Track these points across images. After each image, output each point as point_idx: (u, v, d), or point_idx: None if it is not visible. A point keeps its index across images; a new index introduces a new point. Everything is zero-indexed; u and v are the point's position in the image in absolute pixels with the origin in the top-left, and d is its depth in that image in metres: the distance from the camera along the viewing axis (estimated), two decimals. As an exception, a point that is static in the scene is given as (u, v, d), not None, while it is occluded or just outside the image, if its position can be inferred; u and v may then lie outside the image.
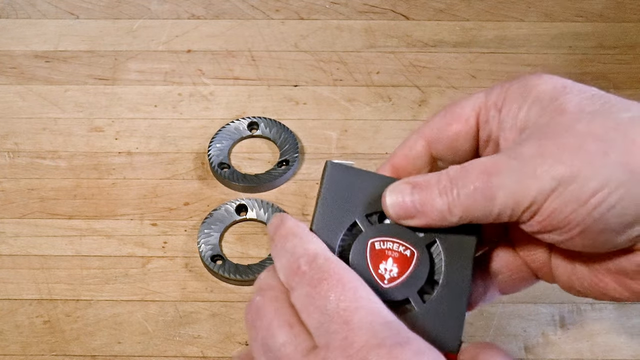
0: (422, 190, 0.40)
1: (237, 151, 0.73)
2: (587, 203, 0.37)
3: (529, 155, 0.38)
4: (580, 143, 0.37)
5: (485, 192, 0.38)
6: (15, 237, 0.67)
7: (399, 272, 0.42)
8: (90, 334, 0.63)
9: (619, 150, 0.37)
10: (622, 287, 0.41)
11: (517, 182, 0.38)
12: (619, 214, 0.37)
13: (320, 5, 0.83)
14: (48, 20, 0.82)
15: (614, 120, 0.38)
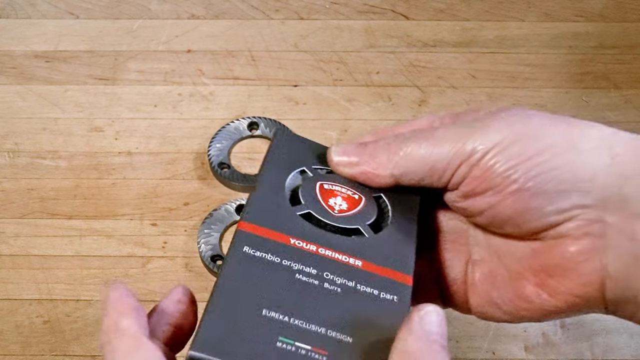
0: (366, 145, 0.43)
1: (237, 151, 0.73)
2: (530, 159, 0.39)
3: (475, 121, 0.41)
4: (529, 118, 0.40)
5: (429, 141, 0.41)
6: (15, 237, 0.67)
7: (348, 207, 0.42)
8: (90, 334, 0.62)
9: (564, 126, 0.40)
10: (543, 289, 0.41)
11: (461, 132, 0.40)
12: (556, 177, 0.39)
13: (320, 5, 0.83)
14: (48, 20, 0.82)
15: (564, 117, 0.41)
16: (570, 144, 0.39)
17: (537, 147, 0.39)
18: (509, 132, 0.40)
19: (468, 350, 0.62)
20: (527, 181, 0.39)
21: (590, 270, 0.39)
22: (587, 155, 0.39)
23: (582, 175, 0.39)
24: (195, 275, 0.65)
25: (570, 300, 0.40)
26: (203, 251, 0.66)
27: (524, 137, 0.40)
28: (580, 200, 0.39)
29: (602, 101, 0.76)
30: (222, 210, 0.68)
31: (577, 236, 0.39)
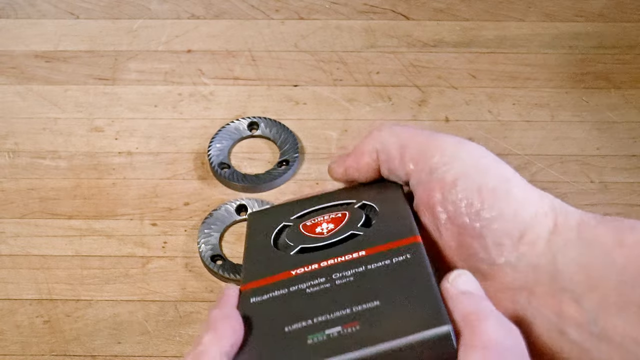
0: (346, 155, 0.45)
1: (237, 151, 0.73)
2: (484, 200, 0.39)
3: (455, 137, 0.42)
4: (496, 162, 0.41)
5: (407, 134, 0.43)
6: (15, 237, 0.67)
7: (335, 225, 0.43)
8: (90, 334, 0.62)
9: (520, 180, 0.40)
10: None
11: (436, 137, 0.42)
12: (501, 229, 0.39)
13: (320, 5, 0.83)
14: (48, 20, 0.82)
15: None
16: (527, 198, 0.39)
17: (496, 188, 0.39)
18: (477, 163, 0.40)
19: (468, 350, 0.62)
20: (475, 220, 0.39)
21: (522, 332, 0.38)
22: (535, 218, 0.39)
23: (525, 237, 0.39)
24: (195, 275, 0.65)
25: None
26: (203, 251, 0.66)
27: (489, 173, 0.40)
28: (515, 261, 0.39)
29: (602, 101, 0.76)
30: (222, 210, 0.68)
31: (508, 295, 0.39)
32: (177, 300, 0.64)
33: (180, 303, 0.64)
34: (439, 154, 0.40)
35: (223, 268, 0.65)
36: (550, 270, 0.38)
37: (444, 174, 0.40)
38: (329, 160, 0.47)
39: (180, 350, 0.62)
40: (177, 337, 0.62)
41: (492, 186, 0.39)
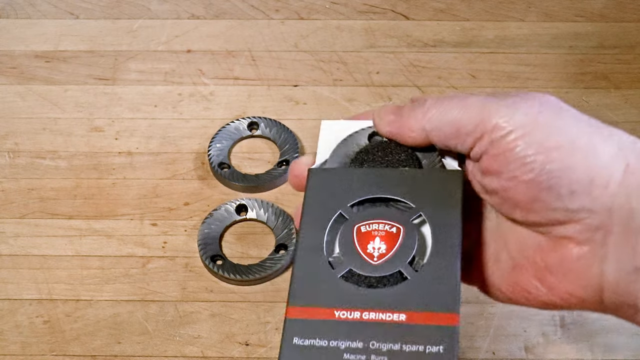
0: (405, 106, 0.45)
1: (237, 151, 0.73)
2: (549, 151, 0.40)
3: (508, 97, 0.42)
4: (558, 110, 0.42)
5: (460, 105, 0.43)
6: (15, 237, 0.67)
7: (387, 248, 0.42)
8: (90, 334, 0.63)
9: (587, 127, 0.41)
10: (542, 284, 0.42)
11: (488, 103, 0.42)
12: (570, 176, 0.40)
13: (320, 5, 0.83)
14: (48, 20, 0.82)
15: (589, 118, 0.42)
16: (591, 146, 0.40)
17: (559, 140, 0.40)
18: (535, 118, 0.41)
19: (468, 350, 0.62)
20: (542, 173, 0.40)
21: (589, 275, 0.40)
22: (604, 161, 0.40)
23: (596, 181, 0.39)
24: (195, 275, 0.65)
25: (567, 299, 0.41)
26: (203, 251, 0.66)
27: (549, 126, 0.40)
28: (589, 204, 0.40)
29: (602, 101, 0.76)
30: (222, 210, 0.68)
31: (580, 240, 0.40)
32: (177, 300, 0.64)
33: (180, 303, 0.64)
34: (494, 120, 0.41)
35: (223, 268, 0.65)
36: (626, 210, 0.39)
37: (503, 138, 0.41)
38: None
39: (181, 350, 0.62)
40: (177, 337, 0.62)
41: (554, 140, 0.40)
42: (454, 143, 0.43)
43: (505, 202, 0.42)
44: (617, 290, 0.40)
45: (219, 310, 0.64)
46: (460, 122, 0.42)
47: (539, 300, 0.42)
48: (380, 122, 0.46)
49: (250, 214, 0.68)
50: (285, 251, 0.66)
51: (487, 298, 0.64)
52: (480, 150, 0.42)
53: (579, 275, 0.40)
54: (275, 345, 0.62)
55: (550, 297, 0.42)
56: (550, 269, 0.41)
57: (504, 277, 0.44)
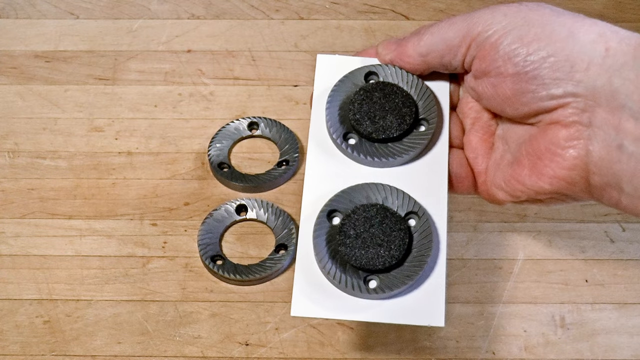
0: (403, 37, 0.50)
1: (237, 151, 0.73)
2: (530, 44, 0.43)
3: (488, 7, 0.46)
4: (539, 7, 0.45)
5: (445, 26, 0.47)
6: (15, 237, 0.67)
7: None
8: (90, 334, 0.63)
9: (568, 19, 0.44)
10: (533, 172, 0.45)
11: (471, 18, 0.46)
12: (552, 64, 0.43)
13: (320, 5, 0.83)
14: (48, 20, 0.82)
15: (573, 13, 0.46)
16: (570, 34, 0.43)
17: (538, 33, 0.43)
18: (514, 18, 0.44)
19: (468, 350, 0.62)
20: (526, 65, 0.43)
21: (575, 155, 0.43)
22: (584, 47, 0.42)
23: (577, 65, 0.42)
24: (195, 275, 0.65)
25: (556, 183, 0.44)
26: (203, 251, 0.66)
27: (528, 23, 0.44)
28: (573, 88, 0.42)
29: (602, 101, 0.76)
30: (222, 210, 0.68)
31: (566, 123, 0.43)
32: (177, 300, 0.64)
33: (180, 303, 0.64)
34: (479, 27, 0.45)
35: (223, 268, 0.65)
36: (608, 90, 0.41)
37: (487, 40, 0.44)
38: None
39: (181, 350, 0.62)
40: (177, 337, 0.62)
41: (533, 32, 0.43)
42: (448, 59, 0.47)
43: (496, 101, 0.46)
44: (601, 171, 0.42)
45: (219, 310, 0.64)
46: (449, 37, 0.46)
47: (531, 190, 0.45)
48: (382, 52, 0.50)
49: (250, 214, 0.68)
50: (285, 251, 0.66)
51: (487, 298, 0.65)
52: (471, 57, 0.46)
53: (565, 156, 0.43)
54: (275, 345, 0.62)
55: (540, 184, 0.44)
56: (539, 154, 0.44)
57: (503, 176, 0.47)
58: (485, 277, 0.65)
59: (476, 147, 0.50)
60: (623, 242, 0.67)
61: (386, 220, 0.45)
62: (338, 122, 0.49)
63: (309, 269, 0.46)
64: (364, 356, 0.62)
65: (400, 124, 0.48)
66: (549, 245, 0.66)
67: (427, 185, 0.48)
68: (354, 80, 0.50)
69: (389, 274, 0.45)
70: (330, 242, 0.46)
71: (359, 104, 0.49)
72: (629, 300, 0.64)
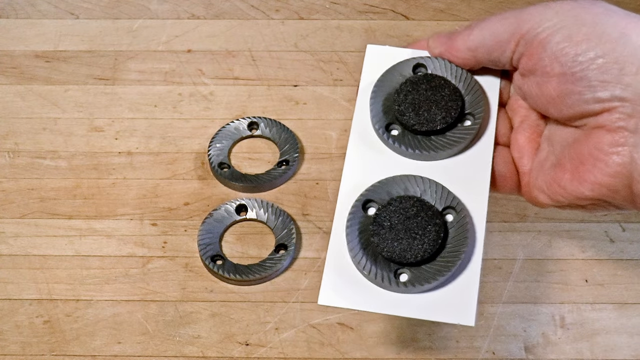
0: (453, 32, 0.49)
1: (237, 151, 0.73)
2: (578, 44, 0.41)
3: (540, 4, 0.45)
4: (591, 5, 0.43)
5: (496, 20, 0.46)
6: (15, 237, 0.67)
7: None
8: (90, 334, 0.63)
9: (619, 18, 0.42)
10: (575, 177, 0.43)
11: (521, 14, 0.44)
12: (601, 66, 0.41)
13: (320, 5, 0.83)
14: (48, 20, 0.82)
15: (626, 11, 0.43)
16: (622, 35, 0.41)
17: (589, 33, 0.41)
18: (565, 16, 0.42)
19: (468, 350, 0.62)
20: (573, 65, 0.42)
21: (619, 162, 0.41)
22: (635, 49, 0.40)
23: (626, 68, 0.40)
24: (195, 275, 0.65)
25: (597, 190, 0.42)
26: (203, 251, 0.66)
27: (578, 22, 0.42)
28: (621, 92, 0.40)
29: (602, 101, 0.76)
30: (222, 210, 0.68)
31: (612, 128, 0.41)
32: (177, 300, 0.64)
33: (180, 303, 0.64)
34: (529, 23, 0.44)
35: (223, 268, 0.65)
36: None
37: (536, 37, 0.43)
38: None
39: (181, 350, 0.62)
40: (177, 337, 0.62)
41: (583, 32, 0.42)
42: (497, 56, 0.46)
43: (540, 100, 0.44)
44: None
45: (219, 310, 0.64)
46: (499, 33, 0.45)
47: (573, 196, 0.43)
48: (433, 45, 0.49)
49: (250, 214, 0.68)
50: (285, 251, 0.66)
51: (487, 298, 0.65)
52: (519, 55, 0.45)
53: (609, 163, 0.41)
54: (275, 345, 0.62)
55: (581, 189, 0.43)
56: (582, 159, 0.42)
57: (545, 179, 0.45)
58: (485, 277, 0.65)
59: (523, 147, 0.48)
60: (623, 242, 0.67)
61: (422, 213, 0.44)
62: (382, 112, 0.48)
63: (340, 258, 0.45)
64: (364, 356, 0.62)
65: (445, 117, 0.47)
66: (549, 245, 0.66)
67: (469, 180, 0.46)
68: (402, 71, 0.49)
69: (420, 268, 0.44)
70: (363, 232, 0.45)
71: (404, 95, 0.48)
72: (629, 300, 0.64)
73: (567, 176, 0.44)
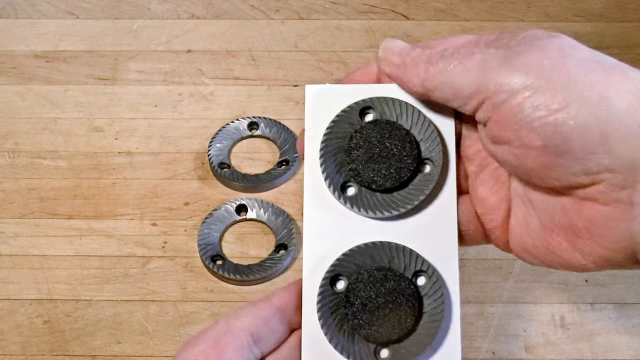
0: (411, 51, 0.42)
1: (237, 151, 0.73)
2: (557, 112, 0.37)
3: (508, 54, 0.39)
4: (563, 60, 0.39)
5: (464, 65, 0.39)
6: (15, 237, 0.67)
7: None
8: (90, 334, 0.63)
9: (598, 77, 0.38)
10: (573, 248, 0.40)
11: (486, 68, 0.39)
12: (584, 136, 0.37)
13: (320, 5, 0.83)
14: (48, 20, 0.82)
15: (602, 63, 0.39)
16: (602, 98, 0.37)
17: (567, 98, 0.37)
18: (538, 76, 0.37)
19: (468, 350, 0.62)
20: (554, 137, 0.37)
21: (618, 236, 0.38)
22: (619, 114, 0.37)
23: (612, 136, 0.37)
24: (195, 275, 0.65)
25: (600, 262, 0.39)
26: (203, 251, 0.66)
27: (553, 85, 0.37)
28: (609, 163, 0.37)
29: (602, 101, 0.76)
30: (222, 210, 0.68)
31: (605, 201, 0.38)
32: (177, 300, 0.64)
33: (180, 303, 0.64)
34: (494, 84, 0.38)
35: (223, 268, 0.65)
36: None
37: (506, 103, 0.38)
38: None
39: (180, 350, 0.62)
40: (177, 337, 0.62)
41: (560, 98, 0.37)
42: (455, 105, 0.40)
43: (519, 171, 0.40)
44: None
45: (219, 310, 0.64)
46: (460, 85, 0.39)
47: (570, 265, 0.40)
48: (384, 60, 0.43)
49: (250, 214, 0.68)
50: (285, 251, 0.66)
51: (487, 298, 0.65)
52: (485, 116, 0.39)
53: (607, 238, 0.38)
54: (275, 345, 0.62)
55: (582, 262, 0.40)
56: (577, 231, 0.39)
57: (535, 242, 0.42)
58: (485, 277, 0.65)
59: (486, 202, 0.43)
60: (623, 242, 0.67)
61: (393, 284, 0.42)
62: (334, 171, 0.44)
63: (316, 339, 0.43)
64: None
65: (402, 170, 0.43)
66: (549, 245, 0.66)
67: (436, 238, 0.43)
68: (349, 119, 0.44)
69: (401, 344, 0.42)
70: (336, 310, 0.43)
71: (355, 151, 0.43)
72: (628, 300, 0.64)
73: (564, 246, 0.40)
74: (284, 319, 0.42)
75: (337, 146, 0.44)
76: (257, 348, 0.41)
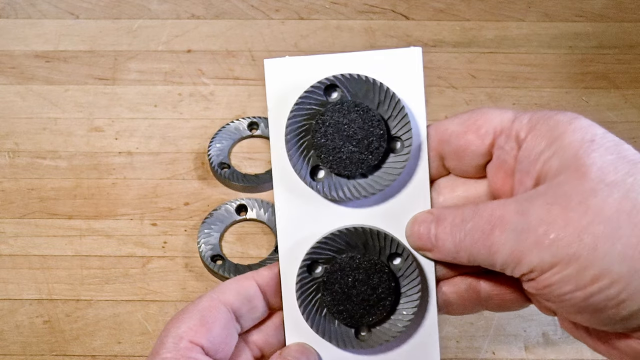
0: (439, 224, 0.41)
1: (237, 151, 0.73)
2: (585, 289, 0.36)
3: (536, 219, 0.37)
4: (589, 222, 0.36)
5: (487, 244, 0.39)
6: (15, 237, 0.67)
7: None
8: (90, 334, 0.63)
9: (626, 240, 0.36)
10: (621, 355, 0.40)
11: (518, 243, 0.38)
12: (616, 305, 0.36)
13: (320, 5, 0.83)
14: (48, 20, 0.82)
15: (630, 201, 0.36)
16: (633, 268, 0.36)
17: (596, 274, 0.36)
18: (564, 255, 0.36)
19: (468, 350, 0.62)
20: (587, 306, 0.37)
21: None
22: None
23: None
24: (195, 275, 0.65)
25: None
26: (203, 251, 0.66)
27: (582, 258, 0.36)
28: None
29: (602, 101, 0.76)
30: (222, 210, 0.68)
31: None
32: (177, 300, 0.64)
33: (180, 303, 0.64)
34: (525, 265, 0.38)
35: (223, 268, 0.65)
36: None
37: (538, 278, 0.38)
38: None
39: (180, 350, 0.62)
40: (177, 337, 0.62)
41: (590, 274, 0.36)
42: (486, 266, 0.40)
43: (562, 314, 0.40)
44: None
45: (219, 310, 0.64)
46: (491, 262, 0.39)
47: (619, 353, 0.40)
48: (412, 234, 0.43)
49: (250, 214, 0.68)
50: (285, 251, 0.66)
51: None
52: (519, 278, 0.39)
53: None
54: (275, 345, 0.62)
55: None
56: (628, 353, 0.39)
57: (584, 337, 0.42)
58: (485, 277, 0.65)
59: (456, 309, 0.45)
60: (623, 242, 0.66)
61: (369, 269, 0.42)
62: (302, 156, 0.43)
63: (297, 322, 0.43)
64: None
65: (372, 153, 0.42)
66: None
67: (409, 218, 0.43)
68: (314, 99, 0.42)
69: (380, 327, 0.43)
70: (314, 296, 0.43)
71: (321, 135, 0.42)
72: (629, 300, 0.64)
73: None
74: (264, 298, 0.43)
75: (304, 129, 0.43)
76: (238, 325, 0.42)
